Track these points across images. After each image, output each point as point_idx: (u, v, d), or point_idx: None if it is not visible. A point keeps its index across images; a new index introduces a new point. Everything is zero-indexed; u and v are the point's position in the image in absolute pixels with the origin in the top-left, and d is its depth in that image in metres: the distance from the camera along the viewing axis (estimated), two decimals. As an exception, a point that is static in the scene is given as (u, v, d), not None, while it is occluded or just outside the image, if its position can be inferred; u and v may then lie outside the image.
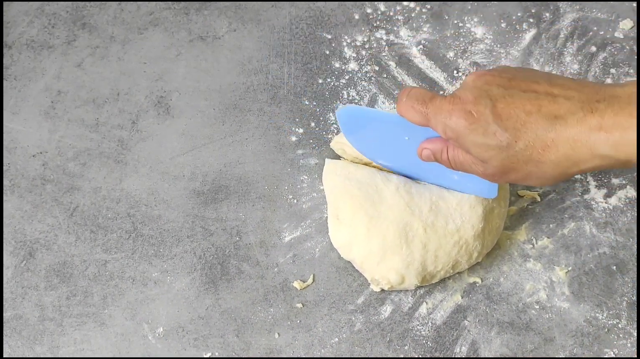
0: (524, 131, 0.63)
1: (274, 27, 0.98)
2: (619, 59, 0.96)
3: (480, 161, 0.67)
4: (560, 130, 0.62)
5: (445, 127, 0.66)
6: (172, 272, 0.84)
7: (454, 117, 0.65)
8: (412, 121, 0.70)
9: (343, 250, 0.82)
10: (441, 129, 0.67)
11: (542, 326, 0.82)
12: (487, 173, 0.68)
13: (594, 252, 0.86)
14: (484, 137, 0.64)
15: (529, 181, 0.67)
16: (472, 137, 0.65)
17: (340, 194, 0.82)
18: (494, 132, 0.64)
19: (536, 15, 0.99)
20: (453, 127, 0.66)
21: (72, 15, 0.99)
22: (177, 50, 0.97)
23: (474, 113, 0.64)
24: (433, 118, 0.67)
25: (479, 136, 0.64)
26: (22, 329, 0.82)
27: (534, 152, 0.63)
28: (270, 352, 0.81)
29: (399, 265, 0.79)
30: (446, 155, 0.71)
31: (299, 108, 0.93)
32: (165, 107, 0.93)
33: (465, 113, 0.65)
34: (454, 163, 0.70)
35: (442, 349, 0.81)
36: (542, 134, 0.62)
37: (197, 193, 0.88)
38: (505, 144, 0.63)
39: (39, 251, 0.85)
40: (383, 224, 0.79)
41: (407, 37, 0.98)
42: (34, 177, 0.89)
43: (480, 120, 0.64)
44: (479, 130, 0.64)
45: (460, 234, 0.80)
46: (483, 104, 0.64)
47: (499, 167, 0.65)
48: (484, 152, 0.65)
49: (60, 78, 0.95)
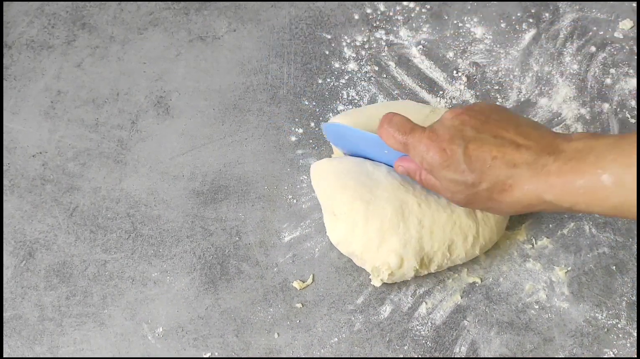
0: (488, 174, 0.70)
1: (274, 27, 0.98)
2: (619, 59, 0.96)
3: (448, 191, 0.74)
4: (517, 177, 0.69)
5: (422, 159, 0.73)
6: (171, 272, 0.84)
7: (431, 152, 0.72)
8: (391, 146, 0.76)
9: (342, 245, 0.82)
10: (418, 160, 0.74)
11: (541, 326, 0.82)
12: (453, 200, 0.75)
13: (593, 252, 0.86)
14: (454, 173, 0.71)
15: (488, 211, 0.76)
16: (444, 172, 0.72)
17: (333, 189, 0.82)
18: (462, 171, 0.71)
19: (536, 15, 0.99)
20: (429, 161, 0.73)
21: (72, 15, 0.99)
22: (177, 50, 0.97)
23: (448, 152, 0.71)
24: (412, 148, 0.74)
25: (450, 172, 0.72)
26: (22, 329, 0.82)
27: (494, 193, 0.71)
28: (270, 352, 0.81)
29: (397, 245, 0.79)
30: (419, 177, 0.78)
31: (298, 108, 0.93)
32: (165, 107, 0.93)
33: (441, 150, 0.71)
34: (427, 184, 0.77)
35: (442, 349, 0.81)
36: (502, 179, 0.70)
37: (196, 193, 0.88)
38: (470, 182, 0.71)
39: (38, 251, 0.85)
40: (380, 205, 0.80)
41: (407, 37, 0.98)
42: (33, 177, 0.89)
43: (452, 159, 0.71)
44: (451, 167, 0.71)
45: (452, 208, 0.81)
46: (457, 144, 0.71)
47: (463, 199, 0.73)
48: (452, 186, 0.72)
49: (60, 78, 0.95)
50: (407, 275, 0.81)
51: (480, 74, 0.95)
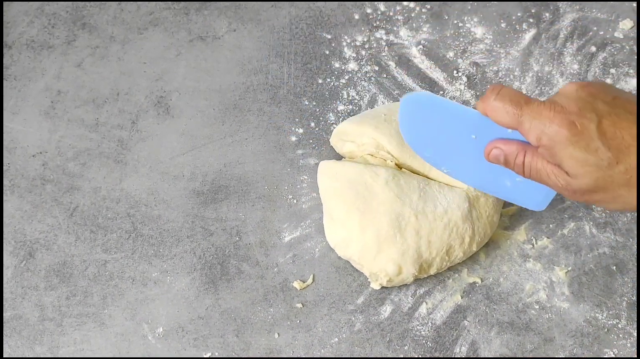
0: (627, 154, 0.61)
1: (274, 27, 0.98)
2: (619, 59, 0.96)
3: (567, 174, 0.64)
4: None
5: (541, 133, 0.63)
6: (172, 272, 0.84)
7: (555, 125, 0.62)
8: (499, 121, 0.66)
9: (340, 249, 0.83)
10: (535, 135, 0.64)
11: (541, 326, 0.82)
12: (569, 188, 0.64)
13: (593, 252, 0.86)
14: (585, 151, 0.61)
15: (612, 204, 0.64)
16: (571, 149, 0.62)
17: (331, 194, 0.83)
18: (596, 149, 0.61)
19: (536, 15, 0.99)
20: (551, 135, 0.62)
21: (72, 15, 0.99)
22: (177, 50, 0.97)
23: (577, 125, 0.61)
24: (527, 122, 0.64)
25: (579, 150, 0.61)
26: (22, 329, 0.82)
27: (632, 177, 0.61)
28: (270, 352, 0.81)
29: (394, 254, 0.79)
30: (522, 160, 0.67)
31: (298, 108, 0.93)
32: (165, 107, 0.93)
33: (569, 123, 0.62)
34: (529, 169, 0.67)
35: (442, 349, 0.81)
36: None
37: (197, 193, 0.88)
38: (605, 163, 0.61)
39: (39, 251, 0.85)
40: (375, 218, 0.80)
41: (407, 37, 0.98)
42: (34, 177, 0.89)
43: (583, 134, 0.61)
44: (580, 144, 0.61)
45: (448, 216, 0.81)
46: (588, 118, 0.61)
47: (589, 184, 0.63)
48: (580, 167, 0.62)
49: (60, 78, 0.95)
50: (406, 280, 0.82)
51: (481, 74, 0.95)
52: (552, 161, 0.64)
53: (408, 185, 0.82)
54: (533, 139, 0.64)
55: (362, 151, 0.86)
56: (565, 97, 0.63)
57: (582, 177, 0.62)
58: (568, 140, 0.61)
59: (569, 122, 0.61)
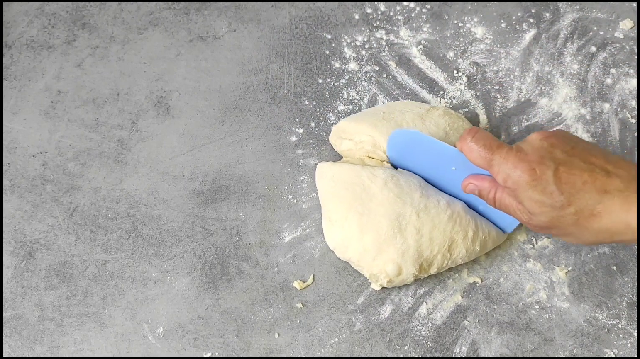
0: (578, 197, 0.68)
1: (274, 27, 0.98)
2: (619, 59, 0.96)
3: (529, 212, 0.71)
4: (607, 203, 0.67)
5: (507, 176, 0.71)
6: (172, 272, 0.84)
7: (518, 171, 0.70)
8: (473, 161, 0.74)
9: (339, 251, 0.82)
10: (502, 178, 0.72)
11: (542, 326, 0.82)
12: (530, 223, 0.73)
13: (593, 252, 0.85)
14: (542, 194, 0.69)
15: (567, 238, 0.73)
16: (530, 192, 0.70)
17: (329, 196, 0.83)
18: (551, 192, 0.69)
19: (536, 15, 0.99)
20: (515, 179, 0.71)
21: (72, 15, 0.98)
22: (177, 50, 0.97)
23: (537, 172, 0.69)
24: (496, 165, 0.72)
25: (537, 193, 0.69)
26: (22, 329, 0.82)
27: (581, 218, 0.68)
28: (270, 352, 0.81)
29: (394, 255, 0.79)
30: (492, 195, 0.75)
31: (299, 108, 0.93)
32: (165, 107, 0.93)
33: (530, 169, 0.70)
34: (499, 204, 0.75)
35: (442, 349, 0.81)
36: (592, 204, 0.68)
37: (197, 193, 0.88)
38: (559, 205, 0.69)
39: (39, 251, 0.85)
40: (374, 220, 0.80)
41: (407, 37, 0.98)
42: (34, 177, 0.89)
43: (541, 179, 0.69)
44: (538, 188, 0.69)
45: (452, 208, 0.81)
46: (547, 165, 0.69)
47: (546, 222, 0.71)
48: (537, 207, 0.70)
49: (60, 78, 0.95)
50: (406, 280, 0.81)
51: (481, 74, 0.95)
52: (516, 200, 0.72)
53: (409, 184, 0.81)
54: (500, 180, 0.72)
55: (360, 149, 0.86)
56: (530, 145, 0.72)
57: (539, 216, 0.70)
58: (528, 184, 0.70)
59: (530, 168, 0.70)
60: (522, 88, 0.95)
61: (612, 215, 0.67)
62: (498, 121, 0.93)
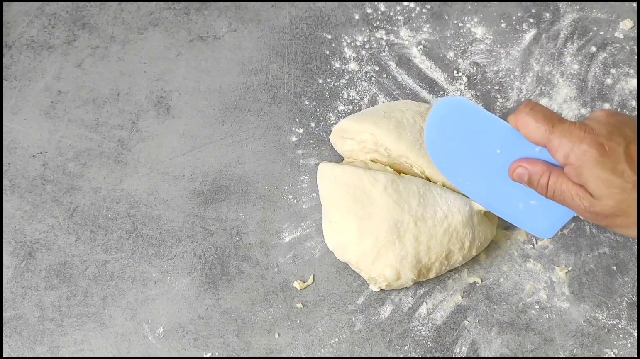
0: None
1: (274, 27, 0.98)
2: (619, 59, 0.96)
3: (591, 196, 0.65)
4: None
5: (569, 152, 0.64)
6: (172, 272, 0.84)
7: (584, 145, 0.64)
8: (529, 136, 0.67)
9: (338, 252, 0.83)
10: (563, 153, 0.65)
11: (542, 326, 0.82)
12: (592, 209, 0.66)
13: (594, 252, 0.86)
14: (611, 173, 0.63)
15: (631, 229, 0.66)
16: (598, 170, 0.63)
17: (329, 198, 0.83)
18: (622, 171, 0.63)
19: (536, 15, 0.99)
20: (580, 154, 0.64)
21: (72, 15, 0.98)
22: (177, 50, 0.97)
23: (606, 147, 0.63)
24: (557, 139, 0.65)
25: (606, 171, 0.63)
26: (22, 330, 0.82)
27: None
28: (271, 352, 0.81)
29: (393, 260, 0.79)
30: (546, 180, 0.68)
31: (299, 108, 0.93)
32: (165, 107, 0.93)
33: (598, 144, 0.63)
34: (552, 190, 0.68)
35: (442, 349, 0.81)
36: None
37: (197, 193, 0.88)
38: (630, 186, 0.63)
39: (39, 251, 0.85)
40: (374, 224, 0.80)
41: (407, 37, 0.98)
42: (34, 177, 0.89)
43: (611, 156, 0.63)
44: (607, 165, 0.63)
45: (448, 221, 0.80)
46: (616, 141, 0.63)
47: (612, 206, 0.64)
48: (605, 188, 0.64)
49: (60, 78, 0.95)
50: (405, 284, 0.81)
51: (481, 74, 0.95)
52: (578, 181, 0.65)
53: (407, 191, 0.81)
54: (560, 157, 0.65)
55: (362, 149, 0.86)
56: (595, 121, 0.65)
57: (606, 199, 0.64)
58: (596, 160, 0.63)
59: (598, 143, 0.63)
60: (522, 89, 0.95)
61: None
62: (498, 121, 0.93)
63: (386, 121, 0.85)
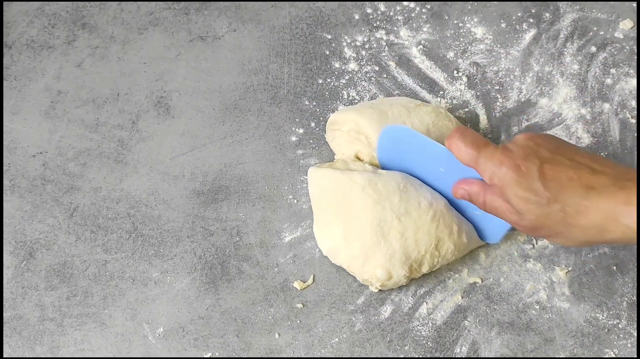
0: (563, 194, 0.68)
1: (274, 27, 0.98)
2: (619, 59, 0.96)
3: (517, 212, 0.71)
4: (594, 199, 0.67)
5: (493, 174, 0.72)
6: (172, 272, 0.84)
7: (504, 167, 0.71)
8: (460, 159, 0.74)
9: (330, 256, 0.83)
10: (488, 175, 0.72)
11: (542, 327, 0.82)
12: (520, 223, 0.72)
13: (594, 252, 0.86)
14: (527, 191, 0.69)
15: (556, 239, 0.72)
16: (516, 189, 0.70)
17: (315, 203, 0.84)
18: (536, 189, 0.69)
19: (536, 15, 0.99)
20: (501, 176, 0.71)
21: (72, 15, 0.98)
22: (177, 50, 0.97)
23: (522, 168, 0.70)
24: (483, 163, 0.72)
25: (523, 189, 0.69)
26: (22, 330, 0.82)
27: (568, 215, 0.68)
28: (271, 352, 0.81)
29: (381, 260, 0.79)
30: (482, 199, 0.75)
31: (299, 108, 0.93)
32: (165, 107, 0.93)
33: (515, 166, 0.70)
34: (489, 207, 0.75)
35: (443, 349, 0.81)
36: (578, 200, 0.68)
37: (197, 193, 0.88)
38: (544, 202, 0.69)
39: (39, 251, 0.85)
40: (358, 227, 0.80)
41: (407, 37, 0.98)
42: (34, 177, 0.89)
43: (527, 176, 0.69)
44: (523, 184, 0.69)
45: (434, 208, 0.81)
46: (532, 162, 0.70)
47: (533, 220, 0.70)
48: (523, 205, 0.70)
49: (60, 78, 0.95)
50: (399, 282, 0.81)
51: (481, 74, 0.95)
52: (503, 199, 0.72)
53: (387, 189, 0.81)
54: (487, 178, 0.73)
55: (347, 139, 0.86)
56: (514, 144, 0.72)
57: (527, 214, 0.70)
58: (514, 181, 0.70)
59: (515, 165, 0.70)
60: (522, 89, 0.95)
61: (599, 211, 0.67)
62: (498, 121, 0.93)
63: (370, 110, 0.85)
